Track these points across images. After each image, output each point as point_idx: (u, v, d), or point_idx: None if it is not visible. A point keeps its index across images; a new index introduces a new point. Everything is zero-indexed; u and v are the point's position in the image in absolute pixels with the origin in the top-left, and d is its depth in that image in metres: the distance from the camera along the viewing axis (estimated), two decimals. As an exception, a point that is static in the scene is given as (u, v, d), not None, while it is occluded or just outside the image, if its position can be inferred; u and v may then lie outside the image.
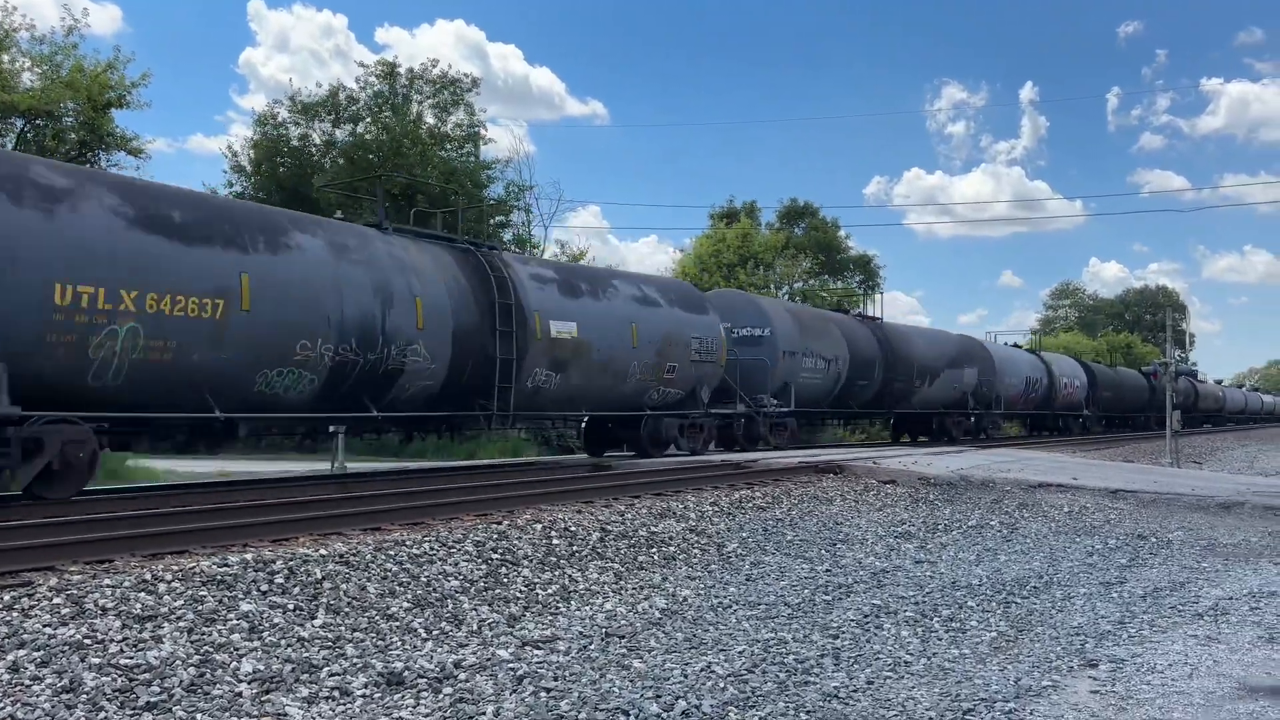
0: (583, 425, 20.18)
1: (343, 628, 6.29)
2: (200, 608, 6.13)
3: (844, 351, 25.58)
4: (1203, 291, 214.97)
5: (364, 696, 5.23)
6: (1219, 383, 78.17)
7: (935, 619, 7.41)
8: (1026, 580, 8.97)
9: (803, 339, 23.69)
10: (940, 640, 6.83)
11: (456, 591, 7.38)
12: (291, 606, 6.46)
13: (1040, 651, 6.58)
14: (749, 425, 21.82)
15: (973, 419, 33.42)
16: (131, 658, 5.29)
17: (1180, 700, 5.51)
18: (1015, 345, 41.81)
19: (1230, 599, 8.35)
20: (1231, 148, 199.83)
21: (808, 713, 5.19)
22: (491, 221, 32.36)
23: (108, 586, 6.25)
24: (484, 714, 5.02)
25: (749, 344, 22.22)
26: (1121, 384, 49.80)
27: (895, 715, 5.20)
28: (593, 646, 6.37)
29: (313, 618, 6.36)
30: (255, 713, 4.89)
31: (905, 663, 6.21)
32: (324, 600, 6.69)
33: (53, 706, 4.69)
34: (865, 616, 7.40)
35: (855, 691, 5.58)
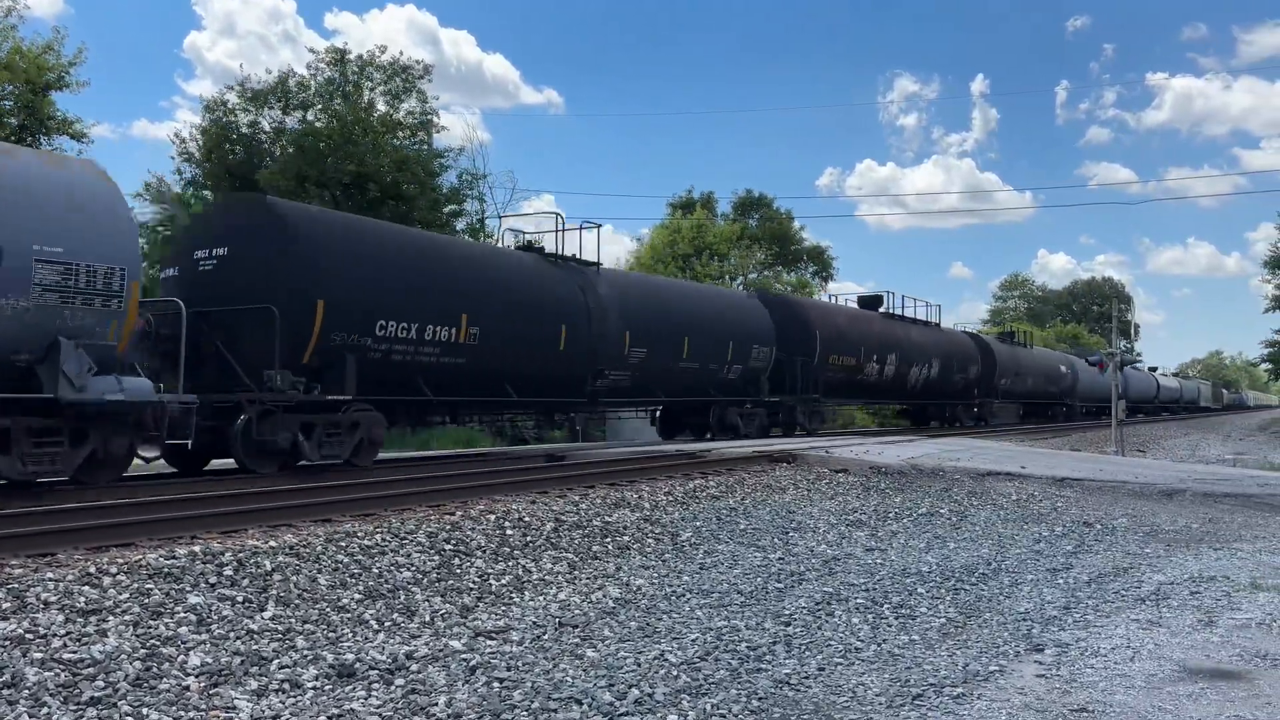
0: (657, 413, 23.63)
1: (293, 620, 6.22)
2: (146, 601, 6.03)
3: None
4: (1147, 283, 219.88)
5: (315, 689, 5.18)
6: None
7: (885, 606, 7.50)
8: (975, 567, 9.11)
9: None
10: (890, 627, 6.91)
11: (409, 583, 7.33)
12: (240, 599, 6.38)
13: (988, 637, 6.69)
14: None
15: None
16: (75, 652, 5.19)
17: (1123, 683, 5.64)
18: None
19: (1171, 584, 8.55)
20: (1176, 141, 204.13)
21: (760, 699, 5.23)
22: (445, 211, 32.10)
23: (50, 580, 6.12)
24: (436, 705, 4.99)
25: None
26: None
27: (846, 701, 5.26)
28: (546, 636, 6.36)
29: (262, 610, 6.29)
30: (203, 706, 4.83)
31: (856, 649, 6.28)
32: (274, 592, 6.61)
33: (-7, 703, 4.59)
34: (817, 604, 7.47)
35: (807, 678, 5.63)
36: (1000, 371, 37.51)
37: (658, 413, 23.37)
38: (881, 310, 30.87)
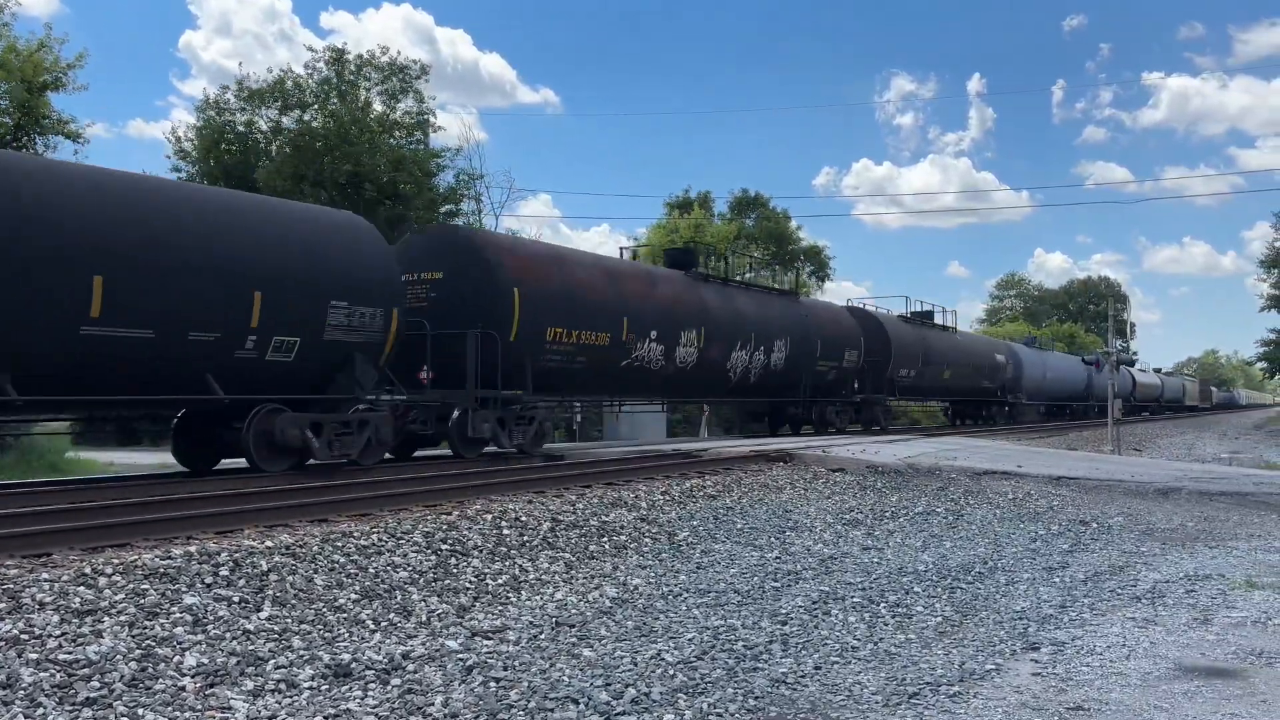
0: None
1: (289, 620, 6.22)
2: (142, 601, 6.02)
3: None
4: (1144, 282, 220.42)
5: (311, 689, 5.17)
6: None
7: (882, 605, 7.50)
8: (971, 566, 9.12)
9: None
10: (887, 626, 6.92)
11: (405, 583, 7.33)
12: (237, 599, 6.37)
13: (984, 635, 6.69)
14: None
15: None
16: (70, 653, 5.18)
17: (1118, 681, 5.64)
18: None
19: (1167, 582, 8.56)
20: (1172, 141, 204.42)
21: (756, 698, 5.23)
22: (441, 211, 32.07)
23: (45, 581, 6.11)
24: (433, 705, 4.99)
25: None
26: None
27: (842, 699, 5.26)
28: (543, 636, 6.36)
29: (258, 610, 6.28)
30: (199, 707, 4.82)
31: (852, 648, 6.29)
32: (270, 592, 6.60)
33: (-12, 703, 4.58)
34: (813, 603, 7.47)
35: (803, 677, 5.63)
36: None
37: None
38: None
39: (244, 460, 12.00)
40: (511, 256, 16.18)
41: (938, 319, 35.03)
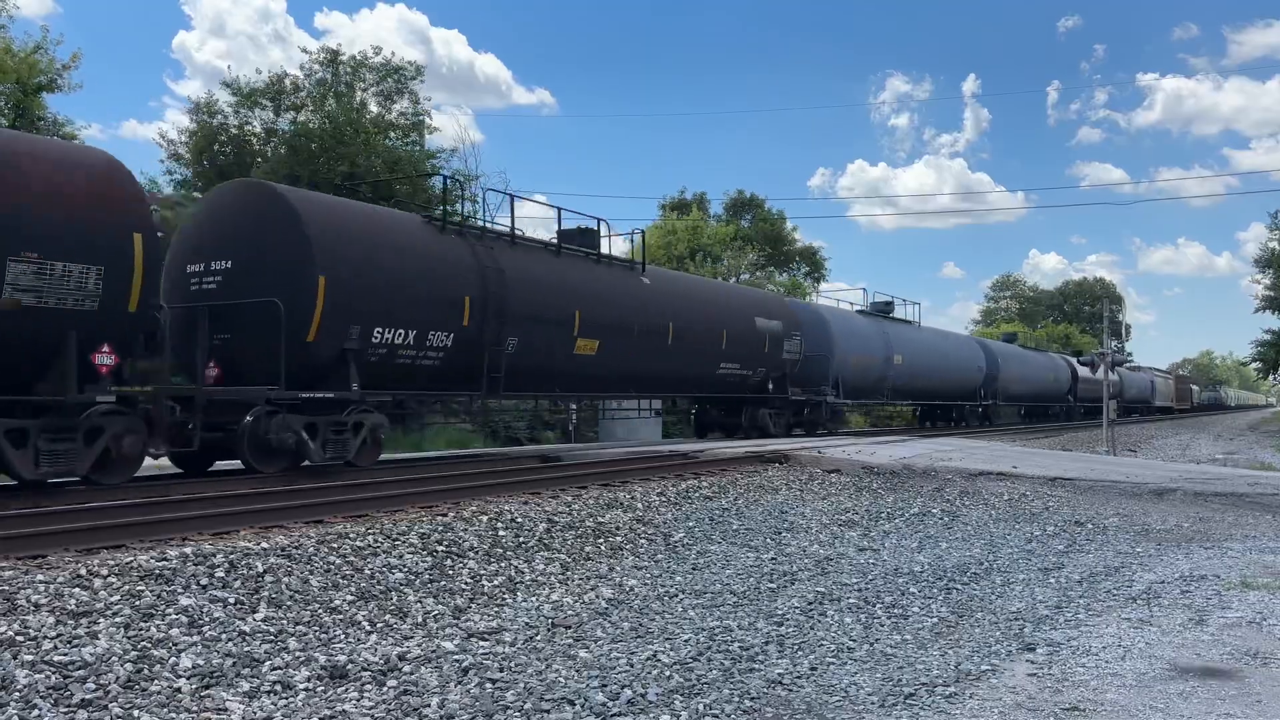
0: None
1: (285, 621, 6.21)
2: (138, 603, 6.01)
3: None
4: (1139, 283, 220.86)
5: (307, 690, 5.17)
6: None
7: (878, 606, 7.51)
8: (967, 567, 9.13)
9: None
10: (883, 626, 6.92)
11: (401, 584, 7.32)
12: (232, 600, 6.36)
13: (980, 636, 6.70)
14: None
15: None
16: (66, 654, 5.17)
17: (1114, 681, 5.65)
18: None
19: (1162, 583, 8.58)
20: (1167, 142, 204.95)
21: (752, 699, 5.24)
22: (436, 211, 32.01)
23: (41, 582, 6.10)
24: (429, 706, 4.98)
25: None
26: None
27: (838, 700, 5.27)
28: (539, 637, 6.36)
29: (254, 611, 6.27)
30: (195, 708, 4.82)
31: (848, 649, 6.29)
32: (266, 594, 6.59)
33: (-17, 705, 4.57)
34: (809, 604, 7.48)
35: (799, 678, 5.64)
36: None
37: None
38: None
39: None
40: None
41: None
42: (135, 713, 4.69)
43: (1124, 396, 57.79)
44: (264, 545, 7.54)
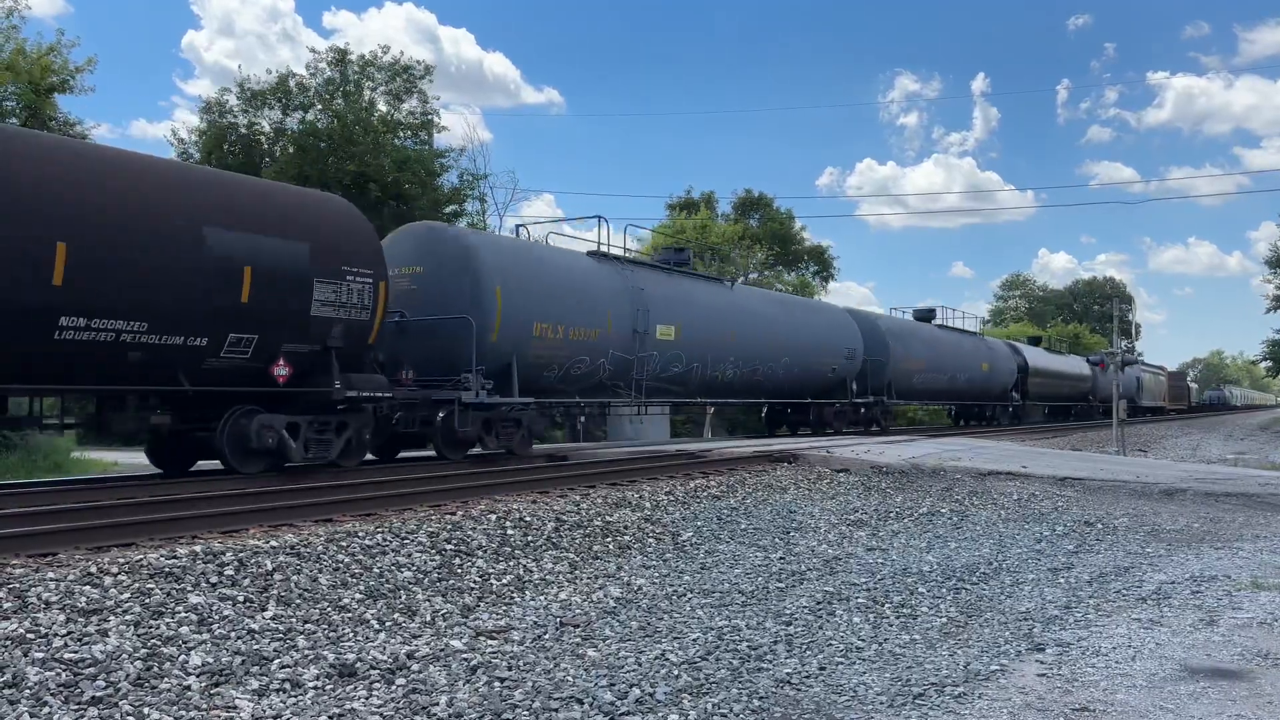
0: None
1: (294, 619, 6.22)
2: (147, 600, 6.03)
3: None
4: (1149, 282, 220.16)
5: (315, 688, 5.18)
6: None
7: (887, 605, 7.49)
8: (976, 567, 9.11)
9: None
10: (891, 626, 6.91)
11: (410, 582, 7.33)
12: (241, 598, 6.38)
13: (989, 636, 6.68)
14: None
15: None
16: (76, 652, 5.19)
17: (1124, 682, 5.63)
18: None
19: (1172, 583, 8.54)
20: (1177, 140, 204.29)
21: (761, 699, 5.23)
22: (445, 211, 32.09)
23: (51, 580, 6.13)
24: (437, 704, 4.99)
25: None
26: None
27: (847, 700, 5.26)
28: (547, 636, 6.36)
29: (263, 609, 6.29)
30: (204, 706, 4.83)
31: (857, 648, 6.28)
32: (275, 592, 6.61)
33: (-6, 702, 4.59)
34: (818, 603, 7.47)
35: (808, 677, 5.63)
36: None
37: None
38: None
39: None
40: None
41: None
42: (145, 710, 4.70)
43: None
44: (273, 543, 7.55)
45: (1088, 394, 49.39)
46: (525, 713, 4.91)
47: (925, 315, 33.83)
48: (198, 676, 5.15)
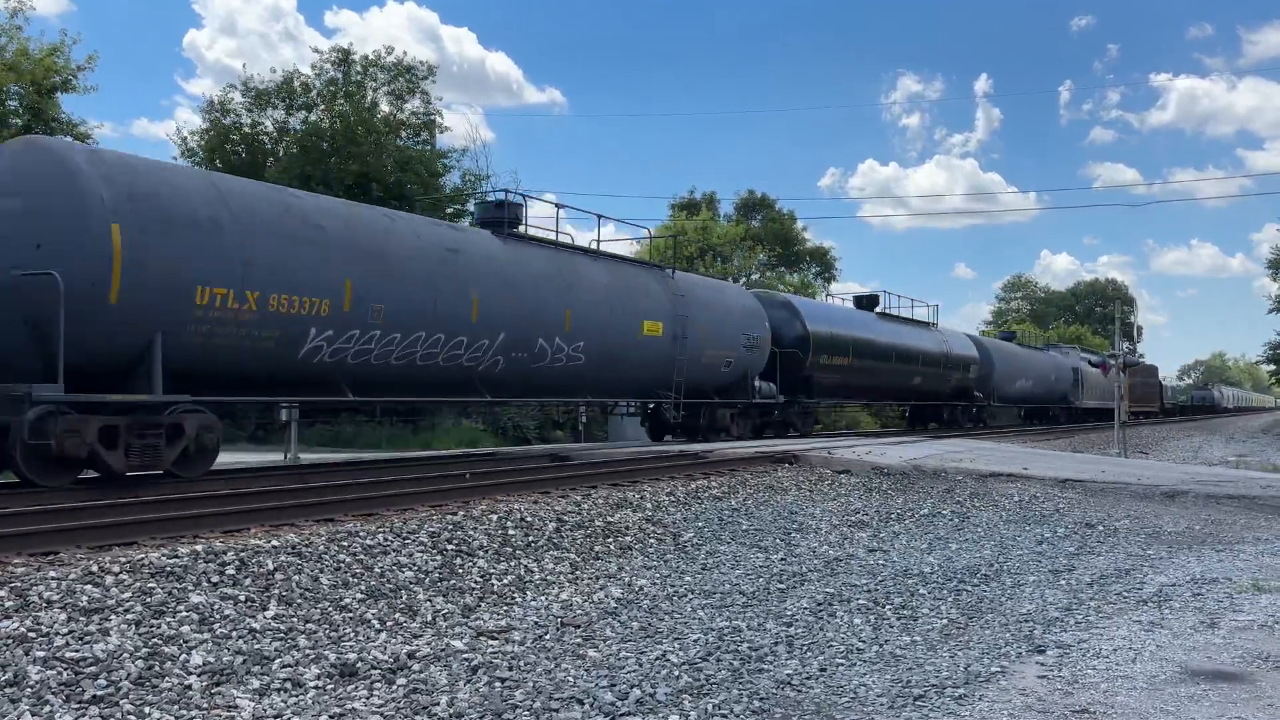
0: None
1: (295, 619, 6.23)
2: (149, 600, 6.04)
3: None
4: (1151, 284, 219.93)
5: (316, 688, 5.19)
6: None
7: (887, 607, 7.50)
8: (977, 568, 9.11)
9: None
10: (892, 628, 6.91)
11: (411, 582, 7.34)
12: (243, 598, 6.39)
13: (990, 638, 6.68)
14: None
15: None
16: (78, 651, 5.20)
17: (1124, 684, 5.63)
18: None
19: (1173, 585, 8.54)
20: (1180, 142, 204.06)
21: (761, 700, 5.23)
22: (448, 211, 32.11)
23: (53, 579, 6.14)
24: (438, 704, 5.00)
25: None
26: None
27: (847, 701, 5.26)
28: (548, 636, 6.37)
29: (264, 609, 6.30)
30: (205, 705, 4.84)
31: (858, 650, 6.28)
32: (276, 591, 6.62)
33: (-5, 701, 4.60)
34: (819, 605, 7.47)
35: (808, 679, 5.63)
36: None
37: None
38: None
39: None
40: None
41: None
42: (146, 709, 4.71)
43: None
44: (275, 543, 7.56)
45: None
46: (526, 713, 4.92)
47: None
48: (199, 676, 5.16)
